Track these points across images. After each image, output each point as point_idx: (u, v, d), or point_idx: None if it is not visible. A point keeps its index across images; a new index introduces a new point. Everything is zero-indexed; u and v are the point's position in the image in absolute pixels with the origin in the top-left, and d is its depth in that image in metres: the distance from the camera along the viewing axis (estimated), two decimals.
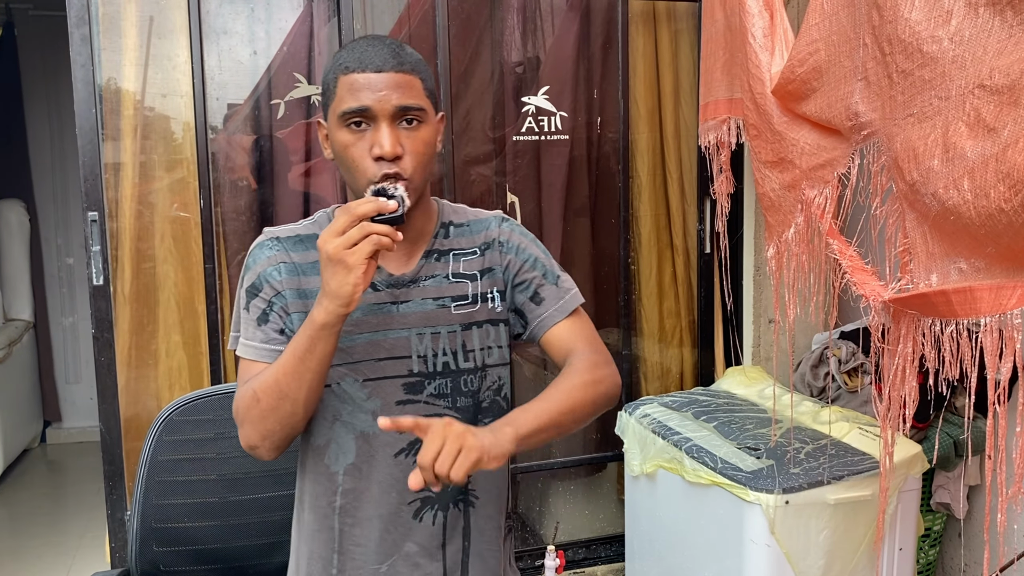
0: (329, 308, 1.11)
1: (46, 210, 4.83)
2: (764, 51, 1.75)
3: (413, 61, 1.21)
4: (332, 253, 1.08)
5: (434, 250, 1.31)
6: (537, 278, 1.36)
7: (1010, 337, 1.11)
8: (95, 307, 2.39)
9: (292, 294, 1.25)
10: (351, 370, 1.25)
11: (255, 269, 1.27)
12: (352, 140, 1.18)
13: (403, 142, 1.18)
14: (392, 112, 1.17)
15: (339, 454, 1.27)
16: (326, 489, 1.29)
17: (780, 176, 1.69)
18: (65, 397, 4.86)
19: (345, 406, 1.26)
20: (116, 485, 2.44)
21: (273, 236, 1.29)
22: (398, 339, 1.26)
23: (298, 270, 1.26)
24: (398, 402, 1.26)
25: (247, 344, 1.26)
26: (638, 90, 2.87)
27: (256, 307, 1.26)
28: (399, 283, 1.28)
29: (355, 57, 1.19)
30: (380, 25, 2.69)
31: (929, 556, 2.40)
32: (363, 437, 1.26)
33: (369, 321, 1.26)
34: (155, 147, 2.48)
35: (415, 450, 1.26)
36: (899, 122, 1.26)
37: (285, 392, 1.16)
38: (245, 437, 1.22)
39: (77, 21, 2.31)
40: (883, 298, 1.38)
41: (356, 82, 1.17)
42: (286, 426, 1.19)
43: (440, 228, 1.33)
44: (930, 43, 1.17)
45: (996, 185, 1.04)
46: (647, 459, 2.31)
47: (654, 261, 2.95)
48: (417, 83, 1.21)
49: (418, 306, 1.27)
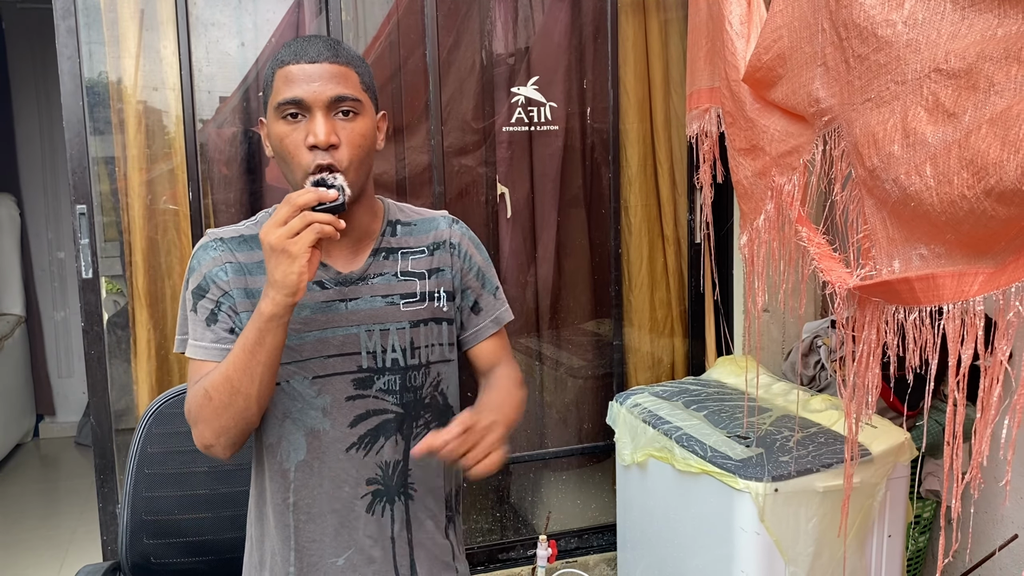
0: (276, 299, 1.11)
1: (36, 204, 4.82)
2: (740, 38, 1.75)
3: (349, 56, 1.23)
4: (275, 243, 1.09)
5: (382, 248, 1.33)
6: (478, 288, 1.40)
7: (972, 324, 1.11)
8: (84, 300, 2.39)
9: (239, 293, 1.26)
10: (300, 368, 1.26)
11: (200, 270, 1.27)
12: (288, 131, 1.20)
13: (339, 132, 1.19)
14: (327, 102, 1.18)
15: (290, 451, 1.29)
16: (279, 486, 1.30)
17: (752, 163, 1.69)
18: (58, 391, 4.86)
19: (295, 403, 1.27)
20: (107, 478, 2.44)
21: (216, 237, 1.30)
22: (347, 336, 1.28)
23: (244, 269, 1.27)
24: (348, 398, 1.28)
25: (196, 345, 1.26)
26: (628, 80, 2.87)
27: (204, 308, 1.26)
28: (347, 281, 1.29)
29: (291, 51, 1.21)
30: (369, 15, 2.68)
31: (919, 543, 2.42)
32: (313, 434, 1.28)
33: (317, 319, 1.27)
34: (142, 139, 2.47)
35: (364, 444, 1.29)
36: (857, 107, 1.26)
37: (237, 387, 1.16)
38: (199, 436, 1.22)
39: (63, 13, 2.29)
40: (848, 285, 1.38)
41: (291, 73, 1.19)
42: (240, 421, 1.19)
43: (387, 226, 1.34)
44: (884, 27, 1.17)
45: (959, 172, 1.04)
46: (638, 448, 2.32)
47: (645, 251, 2.96)
48: (353, 75, 1.22)
49: (367, 303, 1.29)
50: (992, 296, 1.09)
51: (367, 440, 1.29)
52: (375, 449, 1.30)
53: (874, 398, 1.43)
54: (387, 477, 1.31)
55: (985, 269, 1.09)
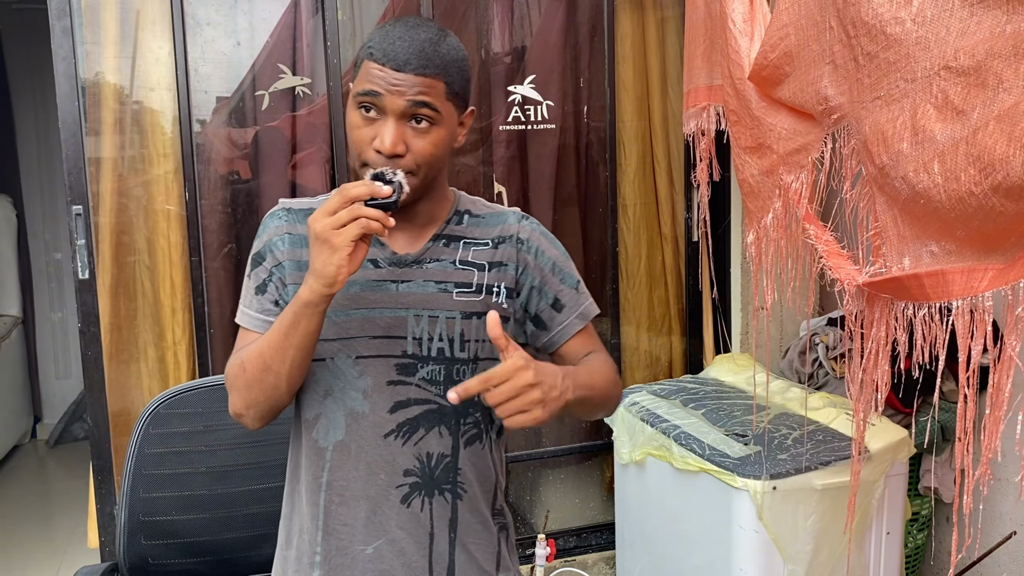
0: (313, 287, 1.10)
1: (33, 205, 4.81)
2: (744, 36, 1.75)
3: (441, 63, 1.17)
4: (320, 232, 1.08)
5: (443, 235, 1.29)
6: (556, 283, 1.33)
7: (981, 320, 1.11)
8: (81, 301, 2.38)
9: (292, 265, 1.26)
10: (344, 346, 1.24)
11: (263, 238, 1.28)
12: (360, 123, 1.18)
13: (409, 140, 1.16)
14: (401, 110, 1.15)
15: (329, 429, 1.26)
16: (314, 464, 1.28)
17: (759, 162, 1.69)
18: (55, 392, 4.85)
19: (337, 382, 1.25)
20: (105, 479, 2.43)
21: (285, 207, 1.30)
22: (395, 318, 1.25)
23: (302, 242, 1.26)
24: (389, 382, 1.25)
25: (244, 312, 1.27)
26: (626, 78, 2.86)
27: (257, 276, 1.27)
28: (401, 262, 1.26)
29: (383, 47, 1.16)
30: (366, 13, 2.68)
31: (917, 540, 2.42)
32: (352, 415, 1.25)
33: (366, 297, 1.25)
34: (139, 140, 2.46)
35: (403, 432, 1.25)
36: (867, 105, 1.26)
37: (268, 365, 1.16)
38: (232, 404, 1.23)
39: (58, 13, 2.29)
40: (857, 282, 1.38)
41: (375, 72, 1.16)
42: (270, 398, 1.19)
43: (454, 215, 1.31)
44: (893, 24, 1.17)
45: (966, 168, 1.04)
46: (636, 447, 2.32)
47: (643, 249, 2.95)
48: (439, 86, 1.17)
49: (419, 287, 1.26)
50: (1001, 292, 1.09)
51: (406, 429, 1.25)
52: (414, 439, 1.26)
53: (883, 395, 1.43)
54: (427, 470, 1.26)
55: (995, 265, 1.09)
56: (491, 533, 1.34)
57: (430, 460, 1.27)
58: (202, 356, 2.52)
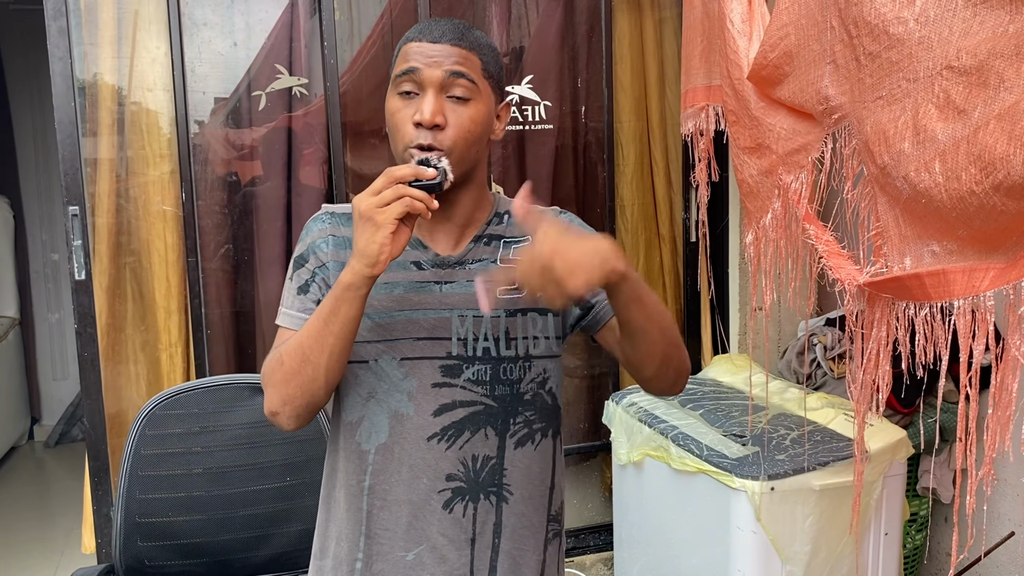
0: (355, 267, 1.10)
1: (31, 206, 4.80)
2: (742, 36, 1.74)
3: (476, 41, 1.20)
4: (364, 210, 1.08)
5: (484, 235, 1.29)
6: None
7: (983, 319, 1.11)
8: (77, 302, 2.38)
9: (335, 266, 1.25)
10: (389, 348, 1.23)
11: (306, 240, 1.28)
12: (400, 107, 1.18)
13: (447, 114, 1.17)
14: (440, 80, 1.16)
15: (371, 432, 1.25)
16: (356, 468, 1.26)
17: (758, 162, 1.69)
18: (53, 394, 4.84)
19: (381, 384, 1.24)
20: (101, 481, 2.43)
21: (328, 211, 1.30)
22: (439, 319, 1.24)
23: (345, 244, 1.26)
24: (434, 384, 1.24)
25: (285, 312, 1.26)
26: (623, 78, 2.86)
27: (300, 277, 1.26)
28: (444, 263, 1.26)
29: (418, 29, 1.20)
30: (363, 15, 2.68)
31: (916, 541, 2.42)
32: (396, 417, 1.24)
33: (410, 299, 1.24)
34: (136, 141, 2.46)
35: (448, 436, 1.23)
36: (868, 105, 1.26)
37: (307, 355, 1.14)
38: (267, 401, 1.20)
39: (54, 13, 2.28)
40: (858, 282, 1.38)
41: (412, 50, 1.18)
42: (307, 393, 1.17)
43: (494, 216, 1.31)
44: (896, 24, 1.17)
45: (967, 167, 1.04)
46: (634, 448, 2.32)
47: (641, 250, 2.95)
48: (475, 60, 1.19)
49: (462, 287, 1.25)
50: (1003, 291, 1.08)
51: (451, 432, 1.23)
52: (459, 443, 1.24)
53: (884, 396, 1.42)
54: (472, 474, 1.24)
55: (996, 264, 1.09)
56: (539, 540, 1.31)
57: (475, 463, 1.25)
58: (199, 357, 2.52)
